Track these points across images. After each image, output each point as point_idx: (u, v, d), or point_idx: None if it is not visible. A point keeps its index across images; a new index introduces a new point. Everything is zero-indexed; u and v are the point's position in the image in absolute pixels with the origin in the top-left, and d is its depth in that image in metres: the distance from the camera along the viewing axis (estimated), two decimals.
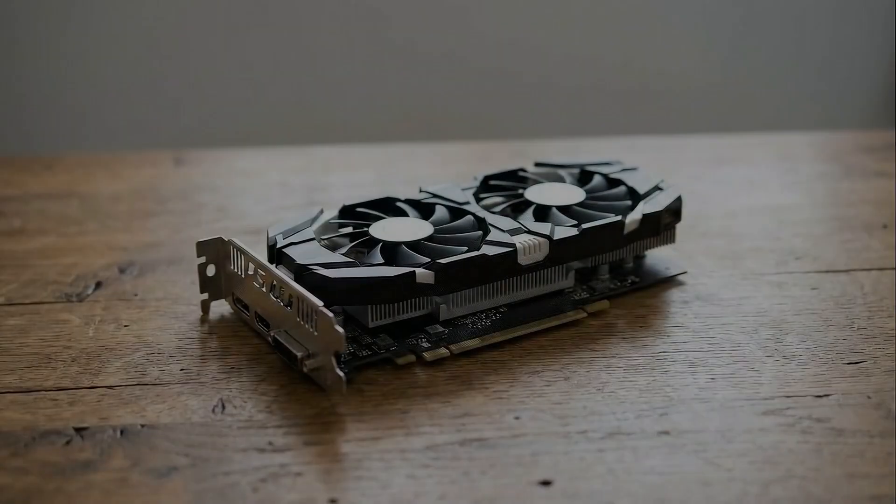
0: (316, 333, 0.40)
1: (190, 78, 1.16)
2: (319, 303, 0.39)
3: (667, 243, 0.50)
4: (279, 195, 0.63)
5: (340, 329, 0.38)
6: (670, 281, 0.50)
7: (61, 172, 0.68)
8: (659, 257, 0.51)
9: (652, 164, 0.65)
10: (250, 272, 0.44)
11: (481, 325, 0.45)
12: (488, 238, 0.45)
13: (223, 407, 0.40)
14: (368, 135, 1.09)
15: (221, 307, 0.47)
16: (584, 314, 0.46)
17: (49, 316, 0.47)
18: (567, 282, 0.47)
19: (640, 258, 0.51)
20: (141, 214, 0.60)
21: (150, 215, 0.60)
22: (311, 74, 1.16)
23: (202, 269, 0.46)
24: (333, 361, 0.39)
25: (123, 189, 0.64)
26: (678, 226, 0.50)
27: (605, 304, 0.47)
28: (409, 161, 0.69)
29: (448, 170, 0.66)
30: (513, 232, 0.46)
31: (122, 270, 0.52)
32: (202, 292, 0.47)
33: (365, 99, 1.18)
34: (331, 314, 0.39)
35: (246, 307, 0.45)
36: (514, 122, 1.19)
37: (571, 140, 0.76)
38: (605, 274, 0.49)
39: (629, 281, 0.49)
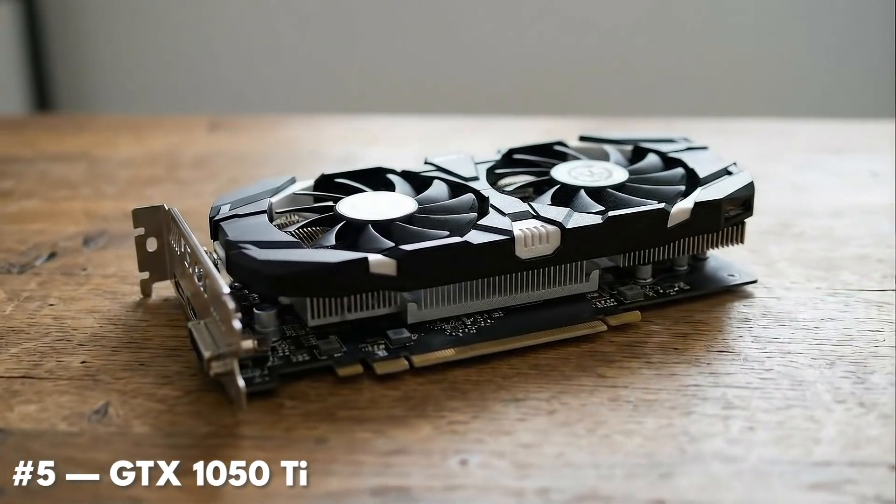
0: (223, 328, 0.31)
1: (272, 41, 1.10)
2: (225, 288, 0.30)
3: (734, 243, 0.39)
4: (304, 166, 0.55)
5: (238, 324, 0.29)
6: (733, 291, 0.38)
7: (87, 133, 0.62)
8: (725, 261, 0.40)
9: (749, 150, 0.54)
10: (185, 248, 0.36)
11: (463, 332, 0.35)
12: (481, 222, 0.35)
13: (105, 413, 0.31)
14: (439, 106, 1.00)
15: (170, 289, 0.39)
16: (604, 327, 0.35)
17: None
18: (587, 284, 0.37)
19: (700, 260, 0.40)
20: (143, 182, 0.53)
21: (152, 183, 0.53)
22: (385, 42, 1.07)
23: (140, 242, 0.38)
24: (235, 366, 0.30)
25: (140, 154, 0.58)
26: (763, 224, 0.39)
27: (634, 315, 0.36)
28: (464, 136, 0.59)
29: (504, 146, 0.56)
30: (517, 216, 0.35)
31: (86, 241, 0.45)
32: (141, 270, 0.39)
33: (435, 69, 1.08)
34: (232, 304, 0.30)
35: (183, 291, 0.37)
36: (597, 101, 1.06)
37: (656, 120, 0.64)
38: (645, 277, 0.38)
39: (675, 288, 0.38)
